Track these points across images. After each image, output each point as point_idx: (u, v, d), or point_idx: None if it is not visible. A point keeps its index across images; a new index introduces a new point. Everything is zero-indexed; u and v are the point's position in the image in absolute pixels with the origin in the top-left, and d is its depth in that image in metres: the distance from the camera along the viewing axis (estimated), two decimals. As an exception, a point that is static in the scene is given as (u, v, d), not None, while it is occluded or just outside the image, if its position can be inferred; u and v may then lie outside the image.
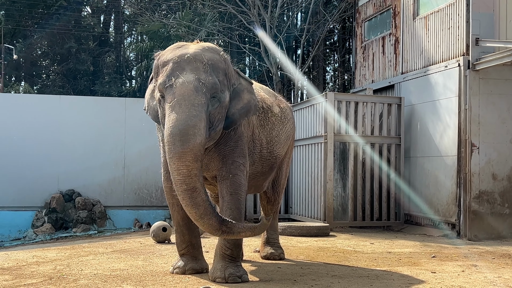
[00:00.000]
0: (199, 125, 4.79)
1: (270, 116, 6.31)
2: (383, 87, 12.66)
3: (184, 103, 4.83)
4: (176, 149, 4.72)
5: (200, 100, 4.87)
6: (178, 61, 5.06)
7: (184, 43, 5.38)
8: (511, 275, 6.01)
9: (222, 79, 5.19)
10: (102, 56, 23.01)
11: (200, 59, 5.07)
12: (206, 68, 5.05)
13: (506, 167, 9.77)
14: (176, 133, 4.74)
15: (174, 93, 4.90)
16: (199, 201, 4.71)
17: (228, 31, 18.56)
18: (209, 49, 5.26)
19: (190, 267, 5.61)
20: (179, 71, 5.00)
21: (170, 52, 5.22)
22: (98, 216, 12.95)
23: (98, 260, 6.62)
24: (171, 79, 4.97)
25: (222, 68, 5.22)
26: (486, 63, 9.50)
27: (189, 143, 4.72)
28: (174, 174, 4.76)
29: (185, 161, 4.71)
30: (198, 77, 4.96)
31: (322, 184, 10.85)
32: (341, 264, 6.68)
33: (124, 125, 13.53)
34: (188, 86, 4.90)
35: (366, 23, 14.00)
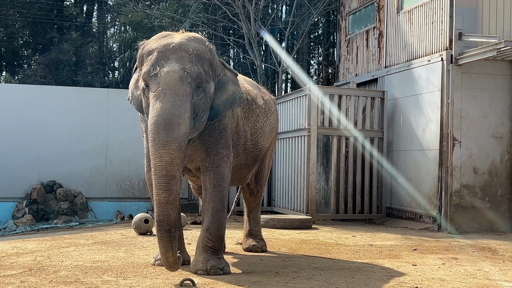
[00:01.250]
0: (184, 115, 4.77)
1: (254, 108, 6.31)
2: (367, 80, 12.70)
3: (168, 92, 4.80)
4: (160, 138, 4.67)
5: (185, 89, 4.84)
6: (163, 50, 5.01)
7: (169, 33, 5.33)
8: (491, 268, 6.06)
9: (207, 69, 5.16)
10: (84, 46, 22.77)
11: (185, 49, 5.03)
12: (191, 58, 5.01)
13: (487, 161, 9.85)
14: (160, 122, 4.70)
15: (158, 82, 4.86)
16: (173, 189, 4.67)
17: (212, 22, 18.46)
18: (195, 39, 5.22)
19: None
20: (164, 61, 4.95)
21: (155, 42, 5.17)
22: (79, 207, 12.86)
23: (79, 252, 6.57)
24: (156, 68, 4.92)
25: (207, 59, 5.18)
26: (469, 57, 9.55)
27: (173, 132, 4.68)
28: (156, 161, 4.68)
29: (168, 149, 4.66)
30: (183, 67, 4.93)
31: (305, 177, 10.87)
32: (323, 256, 6.70)
33: (106, 116, 13.43)
34: (173, 75, 4.86)
35: (350, 16, 14.01)
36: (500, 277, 5.60)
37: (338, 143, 11.05)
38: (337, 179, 11.00)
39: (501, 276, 5.65)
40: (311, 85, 11.51)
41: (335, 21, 21.37)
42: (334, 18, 22.11)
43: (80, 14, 22.93)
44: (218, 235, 5.33)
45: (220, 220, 5.33)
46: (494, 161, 9.87)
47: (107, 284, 4.80)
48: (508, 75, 9.95)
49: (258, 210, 7.11)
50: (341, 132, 11.05)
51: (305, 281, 5.13)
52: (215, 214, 5.30)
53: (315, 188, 10.87)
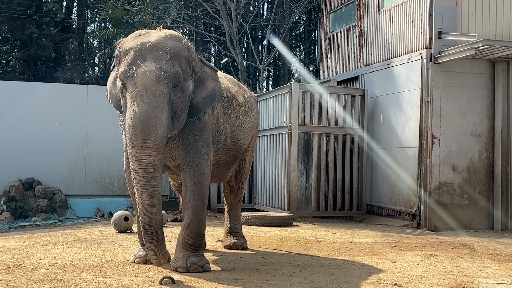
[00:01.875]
0: (161, 116, 4.74)
1: (234, 106, 6.29)
2: (347, 78, 12.74)
3: (145, 94, 4.76)
4: (138, 140, 4.67)
5: (162, 90, 4.81)
6: (139, 50, 4.95)
7: (146, 31, 5.27)
8: (469, 265, 6.13)
9: (185, 67, 5.12)
10: (64, 42, 22.57)
11: (162, 48, 4.98)
12: (168, 57, 4.97)
13: (466, 159, 9.95)
14: (137, 124, 4.68)
15: (135, 83, 4.82)
16: (156, 191, 4.69)
17: (193, 19, 18.40)
18: (172, 37, 5.16)
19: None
20: (141, 60, 4.90)
21: (132, 40, 5.11)
22: (58, 205, 12.75)
23: (58, 250, 6.52)
24: (132, 69, 4.87)
25: (185, 57, 5.14)
26: (448, 56, 9.63)
27: (150, 134, 4.67)
28: (135, 164, 4.70)
29: (147, 151, 4.66)
30: (160, 66, 4.88)
31: (286, 175, 10.89)
32: (304, 253, 6.72)
33: (86, 113, 13.34)
34: (149, 75, 4.82)
35: (331, 14, 14.05)
36: (478, 273, 5.66)
37: (319, 141, 11.09)
38: (317, 177, 11.04)
39: (479, 272, 5.71)
40: (293, 82, 11.53)
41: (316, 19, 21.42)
42: (316, 16, 22.17)
43: (60, 10, 22.72)
44: (198, 233, 5.32)
45: (200, 217, 5.31)
46: (472, 159, 9.97)
47: (86, 282, 4.76)
48: (486, 74, 10.05)
49: (239, 208, 7.10)
50: (322, 129, 11.09)
51: (285, 278, 5.14)
52: (195, 211, 5.29)
53: (296, 186, 10.89)
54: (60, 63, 22.13)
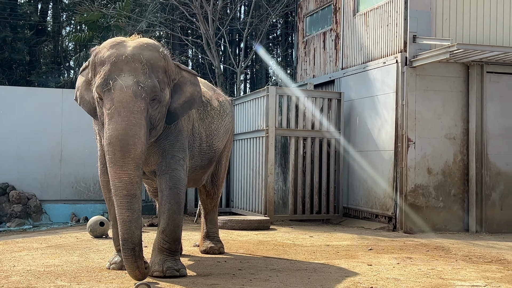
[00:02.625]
0: (139, 133, 4.76)
1: (209, 110, 6.30)
2: (324, 82, 12.80)
3: (123, 111, 4.74)
4: (117, 159, 4.69)
5: (139, 106, 4.80)
6: (115, 62, 4.90)
7: (121, 39, 5.18)
8: (444, 267, 6.18)
9: (162, 77, 5.11)
10: (39, 45, 22.34)
11: (138, 59, 4.94)
12: (145, 69, 4.93)
13: (440, 162, 10.04)
14: (116, 143, 4.69)
15: (112, 99, 4.79)
16: (136, 207, 4.71)
17: (170, 22, 18.34)
18: (148, 46, 5.11)
19: None
20: (117, 73, 4.86)
21: (107, 50, 5.03)
22: (33, 210, 12.57)
23: (32, 256, 6.43)
24: (109, 83, 4.83)
25: (161, 66, 5.12)
26: (423, 60, 9.73)
27: (129, 152, 4.70)
28: (115, 181, 4.71)
29: (126, 170, 4.68)
30: (136, 80, 4.85)
31: (263, 178, 10.89)
32: (280, 257, 6.72)
33: (61, 117, 13.18)
34: (126, 91, 4.78)
35: (307, 18, 14.10)
36: (453, 276, 5.72)
37: (296, 144, 11.11)
38: (295, 180, 11.07)
39: (453, 275, 5.77)
40: (269, 86, 11.54)
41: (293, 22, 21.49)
42: (292, 19, 22.24)
43: (35, 13, 22.48)
44: (174, 237, 5.32)
45: (176, 222, 5.31)
46: (447, 161, 10.07)
47: (60, 289, 4.70)
48: (460, 77, 10.17)
49: (215, 212, 7.09)
50: (299, 133, 11.12)
51: (262, 283, 5.14)
52: (171, 216, 5.28)
53: (273, 189, 10.90)
54: (34, 67, 21.89)
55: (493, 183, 10.13)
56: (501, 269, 6.15)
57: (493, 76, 10.21)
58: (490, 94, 10.16)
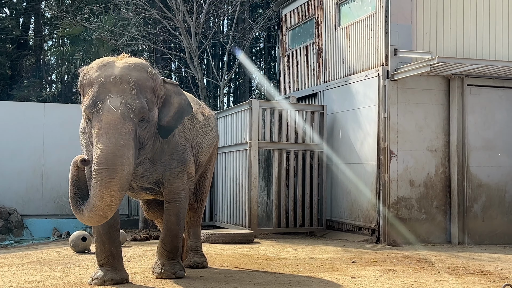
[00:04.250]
0: (127, 154, 4.84)
1: (195, 124, 6.36)
2: (307, 95, 12.86)
3: (111, 132, 4.82)
4: (103, 179, 4.75)
5: (127, 128, 4.89)
6: (103, 83, 4.97)
7: (109, 59, 5.25)
8: (427, 279, 6.21)
9: (150, 97, 5.21)
10: (20, 59, 22.23)
11: (126, 80, 5.02)
12: (133, 90, 5.01)
13: (423, 174, 10.11)
14: (103, 163, 4.76)
15: (100, 121, 4.87)
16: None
17: (152, 36, 18.35)
18: (136, 66, 5.19)
19: (109, 278, 5.42)
20: (105, 95, 4.93)
21: (95, 71, 5.10)
22: (14, 225, 12.44)
23: (13, 272, 6.35)
24: (97, 105, 4.90)
25: (149, 87, 5.21)
26: (404, 73, 9.82)
27: (116, 173, 4.76)
28: (96, 200, 4.76)
29: (110, 191, 4.75)
30: (125, 101, 4.93)
31: (247, 191, 10.88)
32: (264, 271, 6.70)
33: (43, 131, 13.11)
34: (115, 113, 4.86)
35: (290, 32, 14.19)
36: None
37: (279, 157, 11.13)
38: (278, 193, 11.07)
39: (436, 287, 5.79)
40: (252, 99, 11.58)
41: (276, 36, 21.60)
42: (275, 33, 22.35)
43: (16, 27, 22.37)
44: (172, 246, 5.79)
45: (174, 233, 5.76)
46: (429, 173, 10.15)
47: (41, 305, 4.65)
48: (441, 90, 10.27)
49: (199, 226, 7.06)
50: (282, 146, 11.15)
51: (245, 296, 5.11)
52: (170, 227, 5.75)
53: (257, 202, 10.90)
54: (16, 81, 21.76)
55: (475, 195, 10.22)
56: (483, 281, 6.18)
57: (474, 89, 10.33)
58: (471, 106, 10.28)
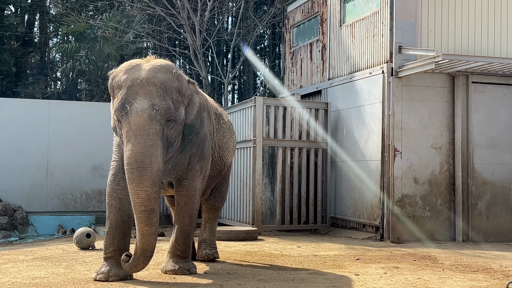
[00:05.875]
0: (155, 153, 5.09)
1: (222, 123, 6.74)
2: (311, 92, 12.85)
3: (139, 134, 5.09)
4: (134, 177, 5.03)
5: (154, 128, 5.13)
6: (131, 86, 5.24)
7: (137, 62, 5.52)
8: (431, 277, 6.20)
9: (176, 97, 5.43)
10: (25, 56, 22.26)
11: (152, 82, 5.26)
12: (159, 92, 5.25)
13: (427, 171, 10.10)
14: (133, 162, 5.04)
15: (129, 123, 5.14)
16: (154, 221, 5.11)
17: (157, 33, 18.35)
18: (162, 68, 5.42)
19: (114, 273, 5.48)
20: (133, 97, 5.19)
21: (123, 74, 5.37)
22: (19, 222, 12.47)
23: (18, 268, 6.37)
24: (126, 107, 5.17)
25: (175, 87, 5.43)
26: (409, 70, 9.80)
27: (146, 171, 5.03)
28: (134, 198, 5.05)
29: (143, 187, 5.01)
30: (152, 103, 5.17)
31: (251, 188, 10.89)
32: (268, 268, 6.71)
33: (47, 128, 13.13)
34: (142, 115, 5.12)
35: (294, 29, 14.17)
36: (439, 285, 5.74)
37: (284, 154, 11.13)
38: (282, 190, 11.07)
39: (440, 284, 5.79)
40: (257, 96, 11.58)
41: (280, 33, 21.58)
42: (279, 30, 22.33)
43: (21, 24, 22.40)
44: (185, 245, 5.95)
45: (187, 233, 5.93)
46: (433, 171, 10.13)
47: (46, 301, 4.66)
48: (446, 87, 10.25)
49: (216, 222, 7.43)
50: (286, 143, 11.14)
51: (249, 293, 5.12)
52: (183, 228, 5.90)
53: (261, 199, 10.90)
54: (21, 78, 21.80)
55: (479, 193, 10.20)
56: (487, 278, 6.18)
57: (478, 86, 10.30)
58: (475, 104, 10.25)
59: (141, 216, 5.03)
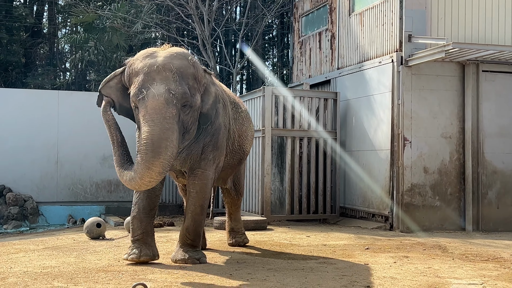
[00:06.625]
0: (172, 137, 5.16)
1: (240, 112, 6.83)
2: (320, 82, 12.80)
3: (156, 117, 5.16)
4: (147, 159, 5.07)
5: (171, 112, 5.21)
6: (148, 72, 5.34)
7: (153, 50, 5.62)
8: (441, 266, 6.19)
9: (192, 83, 5.52)
10: (34, 47, 22.30)
11: (169, 68, 5.36)
12: (175, 77, 5.35)
13: (437, 161, 10.06)
14: (149, 144, 5.09)
15: (146, 107, 5.21)
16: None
17: (165, 23, 18.32)
18: (177, 55, 5.53)
19: (144, 254, 5.84)
20: (150, 83, 5.28)
21: (140, 61, 5.48)
22: (30, 212, 12.56)
23: (29, 258, 6.42)
24: (143, 92, 5.25)
25: (191, 74, 5.53)
26: (418, 59, 9.74)
27: (160, 155, 5.08)
28: (137, 177, 5.10)
29: (151, 173, 5.07)
30: (168, 88, 5.26)
31: (260, 178, 10.89)
32: (277, 257, 6.72)
33: (57, 119, 13.18)
34: (159, 99, 5.20)
35: (303, 18, 14.11)
36: (449, 274, 5.73)
37: (292, 144, 11.11)
38: (291, 180, 11.06)
39: (450, 273, 5.78)
40: (265, 86, 11.55)
41: (289, 23, 21.50)
42: (288, 20, 22.25)
43: (30, 15, 22.42)
44: (196, 234, 5.99)
45: (198, 222, 5.98)
46: (443, 160, 10.09)
47: (57, 290, 4.70)
48: (456, 76, 10.18)
49: (239, 211, 7.67)
50: (295, 133, 11.12)
51: (259, 282, 5.14)
52: (194, 217, 5.96)
53: (270, 189, 10.90)
54: (30, 69, 21.85)
55: (489, 182, 10.15)
56: (497, 267, 6.16)
57: (489, 75, 10.23)
58: (485, 93, 10.18)
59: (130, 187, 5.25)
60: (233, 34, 22.34)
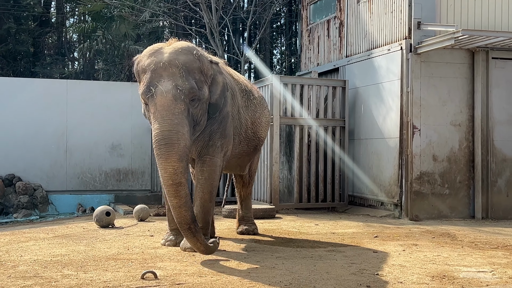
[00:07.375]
0: (182, 131, 5.29)
1: (252, 99, 6.89)
2: (328, 70, 12.75)
3: (165, 113, 5.30)
4: (162, 153, 5.22)
5: (179, 108, 5.34)
6: (154, 69, 5.46)
7: (158, 46, 5.73)
8: (450, 254, 6.18)
9: (199, 77, 5.62)
10: (43, 37, 22.31)
11: (175, 64, 5.47)
12: (182, 73, 5.45)
13: (446, 149, 10.02)
14: (161, 139, 5.24)
15: (155, 104, 5.36)
16: (182, 194, 5.23)
17: (173, 12, 18.28)
18: (183, 50, 5.63)
19: (179, 241, 6.13)
20: (157, 80, 5.40)
21: (147, 58, 5.61)
22: (39, 201, 12.63)
23: (39, 246, 6.46)
24: (151, 90, 5.39)
25: (197, 68, 5.62)
26: (427, 46, 9.67)
27: (173, 146, 5.21)
28: (162, 172, 5.25)
29: (170, 162, 5.19)
30: (175, 84, 5.38)
31: (268, 167, 10.90)
32: (286, 245, 6.73)
33: (66, 108, 13.20)
34: (167, 96, 5.34)
35: (311, 6, 14.03)
36: (458, 262, 5.72)
37: (301, 133, 11.10)
38: (300, 168, 11.06)
39: (459, 261, 5.77)
40: (273, 75, 11.52)
41: (297, 11, 21.39)
42: (296, 8, 22.13)
43: (38, 4, 22.42)
44: (205, 221, 6.01)
45: (206, 209, 6.01)
46: (453, 148, 10.05)
47: (67, 278, 4.73)
48: (466, 64, 10.11)
49: (250, 199, 7.74)
50: (304, 121, 11.10)
51: (268, 270, 5.15)
52: (203, 204, 5.99)
53: (278, 178, 10.90)
54: (39, 58, 21.88)
55: (499, 170, 10.11)
56: (507, 255, 6.14)
57: (499, 62, 10.15)
58: (495, 80, 10.11)
59: (169, 190, 5.22)
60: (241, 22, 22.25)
